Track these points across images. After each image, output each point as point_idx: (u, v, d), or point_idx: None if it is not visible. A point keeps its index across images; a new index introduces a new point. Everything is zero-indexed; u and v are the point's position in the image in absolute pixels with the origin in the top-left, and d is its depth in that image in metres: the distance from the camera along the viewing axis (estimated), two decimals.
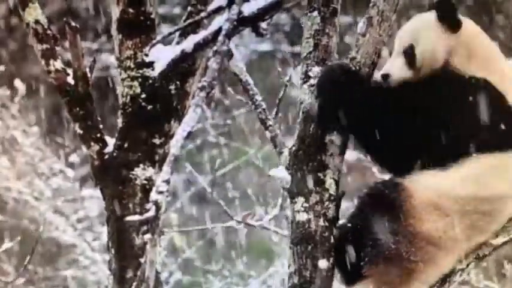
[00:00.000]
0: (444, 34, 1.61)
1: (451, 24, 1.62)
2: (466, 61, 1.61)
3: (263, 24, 1.61)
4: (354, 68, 1.67)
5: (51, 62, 1.92)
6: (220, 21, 1.61)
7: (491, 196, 1.59)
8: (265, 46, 5.56)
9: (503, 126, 1.57)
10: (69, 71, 1.94)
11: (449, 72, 1.60)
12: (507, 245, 1.68)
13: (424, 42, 1.61)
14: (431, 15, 1.65)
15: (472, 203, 1.59)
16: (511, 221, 1.67)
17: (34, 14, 1.90)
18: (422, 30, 1.63)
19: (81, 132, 1.95)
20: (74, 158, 4.38)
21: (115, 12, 1.93)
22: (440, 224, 1.58)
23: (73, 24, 1.91)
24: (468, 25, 1.65)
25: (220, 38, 1.47)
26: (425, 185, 1.58)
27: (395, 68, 1.63)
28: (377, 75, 1.66)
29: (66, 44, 1.92)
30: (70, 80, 1.94)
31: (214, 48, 1.46)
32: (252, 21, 1.58)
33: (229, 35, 1.48)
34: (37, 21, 1.90)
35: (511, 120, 1.59)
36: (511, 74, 1.65)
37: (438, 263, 1.60)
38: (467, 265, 1.65)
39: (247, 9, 1.58)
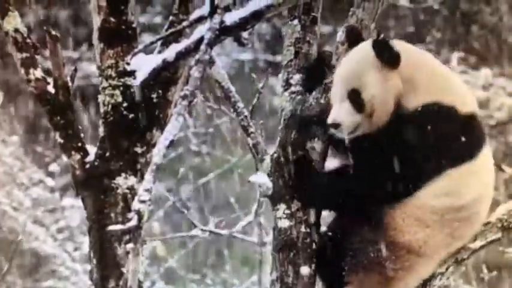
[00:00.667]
0: (387, 73, 1.57)
1: (390, 61, 1.58)
2: (413, 94, 1.58)
3: (245, 34, 1.62)
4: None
5: (31, 70, 1.91)
6: (202, 30, 1.62)
7: (466, 203, 1.63)
8: (247, 55, 5.58)
9: (463, 138, 1.60)
10: (50, 79, 1.93)
11: (400, 115, 1.58)
12: (485, 249, 1.71)
13: (372, 87, 1.57)
14: (368, 52, 1.59)
15: (451, 213, 1.61)
16: (488, 224, 1.70)
17: (13, 22, 1.89)
18: (366, 72, 1.58)
19: (61, 141, 1.93)
20: (54, 167, 4.33)
21: (96, 21, 1.93)
22: (420, 234, 1.60)
23: (53, 32, 1.90)
24: (404, 54, 1.60)
25: (202, 47, 1.48)
26: (405, 200, 1.60)
27: (343, 114, 1.58)
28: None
29: (47, 52, 1.90)
30: (50, 88, 1.92)
31: (196, 57, 1.47)
32: (233, 31, 1.59)
33: (211, 44, 1.49)
34: (16, 30, 1.89)
35: (468, 129, 1.61)
36: (457, 82, 1.64)
37: (418, 270, 1.63)
38: (447, 269, 1.66)
39: (229, 19, 1.59)
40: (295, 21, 1.73)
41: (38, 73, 1.91)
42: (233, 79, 1.82)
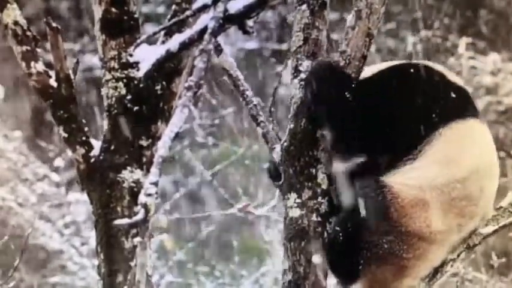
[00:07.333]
0: None
1: None
2: None
3: (249, 22, 1.59)
4: (342, 63, 1.66)
5: (32, 64, 1.87)
6: (205, 19, 1.58)
7: (467, 175, 1.60)
8: (252, 44, 5.54)
9: (453, 95, 1.58)
10: (52, 73, 1.90)
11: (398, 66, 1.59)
12: (495, 236, 1.69)
13: None
14: None
15: (457, 188, 1.59)
16: (500, 209, 1.68)
17: (12, 15, 1.84)
18: None
19: (65, 135, 1.90)
20: (58, 162, 4.31)
21: (97, 11, 1.89)
22: (430, 219, 1.58)
23: (54, 24, 1.86)
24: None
25: (206, 36, 1.45)
26: (408, 184, 1.58)
27: None
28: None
29: (48, 45, 1.87)
30: (53, 82, 1.89)
31: (201, 47, 1.43)
32: (238, 19, 1.55)
33: (215, 34, 1.46)
34: (16, 23, 1.85)
35: (458, 90, 1.60)
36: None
37: (430, 257, 1.61)
38: (458, 255, 1.65)
39: (233, 7, 1.55)
40: (304, 6, 1.69)
41: (40, 66, 1.88)
42: (238, 69, 1.78)
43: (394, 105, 1.57)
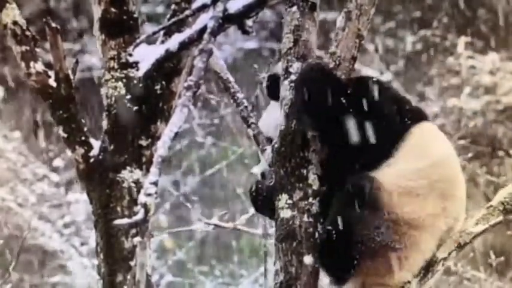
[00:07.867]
0: None
1: None
2: None
3: (249, 22, 1.59)
4: (332, 64, 1.68)
5: (32, 64, 1.87)
6: (205, 19, 1.59)
7: (444, 158, 1.67)
8: (251, 44, 5.53)
9: (411, 103, 1.71)
10: (51, 73, 1.90)
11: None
12: (494, 235, 1.69)
13: None
14: None
15: (435, 171, 1.64)
16: (490, 208, 1.70)
17: (12, 15, 1.85)
18: None
19: (65, 135, 1.90)
20: (58, 162, 4.31)
21: (97, 11, 1.89)
22: (416, 205, 1.62)
23: (53, 24, 1.86)
24: None
25: (206, 36, 1.45)
26: (391, 174, 1.63)
27: None
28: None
29: (47, 45, 1.87)
30: (52, 82, 1.89)
31: (200, 46, 1.44)
32: (237, 19, 1.56)
33: (214, 33, 1.46)
34: (15, 23, 1.85)
35: (409, 101, 1.74)
36: None
37: (421, 247, 1.63)
38: (449, 253, 1.66)
39: (233, 7, 1.56)
40: (294, 8, 1.70)
41: (39, 66, 1.88)
42: (238, 68, 1.79)
43: (377, 110, 1.64)
